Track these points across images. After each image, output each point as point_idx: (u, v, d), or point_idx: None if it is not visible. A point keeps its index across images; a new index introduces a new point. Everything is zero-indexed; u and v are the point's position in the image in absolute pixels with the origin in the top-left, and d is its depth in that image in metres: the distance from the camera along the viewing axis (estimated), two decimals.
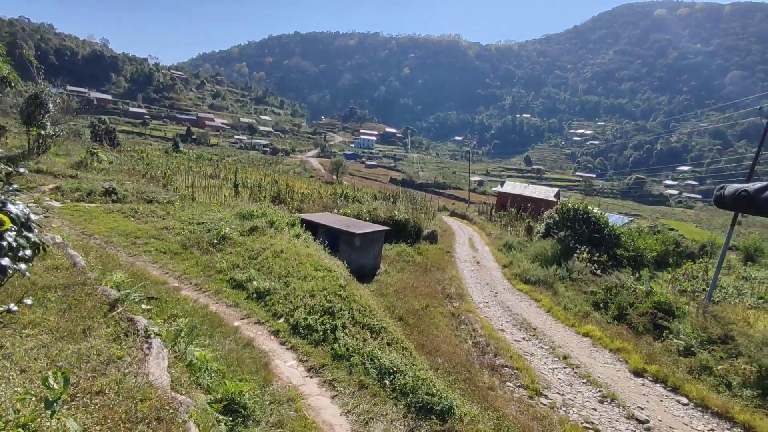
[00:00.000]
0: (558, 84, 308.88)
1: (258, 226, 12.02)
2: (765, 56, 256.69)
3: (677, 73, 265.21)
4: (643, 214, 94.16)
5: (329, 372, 6.11)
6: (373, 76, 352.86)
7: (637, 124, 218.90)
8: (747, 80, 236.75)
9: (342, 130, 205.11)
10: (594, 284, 15.33)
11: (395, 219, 19.23)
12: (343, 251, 12.84)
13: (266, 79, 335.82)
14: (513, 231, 30.36)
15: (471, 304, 12.81)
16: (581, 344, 10.75)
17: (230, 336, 6.52)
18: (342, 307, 7.69)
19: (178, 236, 11.37)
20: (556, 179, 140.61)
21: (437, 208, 42.88)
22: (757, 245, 30.78)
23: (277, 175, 39.81)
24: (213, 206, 15.52)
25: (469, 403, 6.20)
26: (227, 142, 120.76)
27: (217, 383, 4.68)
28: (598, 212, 21.53)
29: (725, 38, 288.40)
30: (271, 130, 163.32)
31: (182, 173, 23.67)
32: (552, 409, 7.55)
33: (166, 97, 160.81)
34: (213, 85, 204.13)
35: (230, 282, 9.02)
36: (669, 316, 11.69)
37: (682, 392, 8.37)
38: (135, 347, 3.73)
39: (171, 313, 6.32)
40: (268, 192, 21.79)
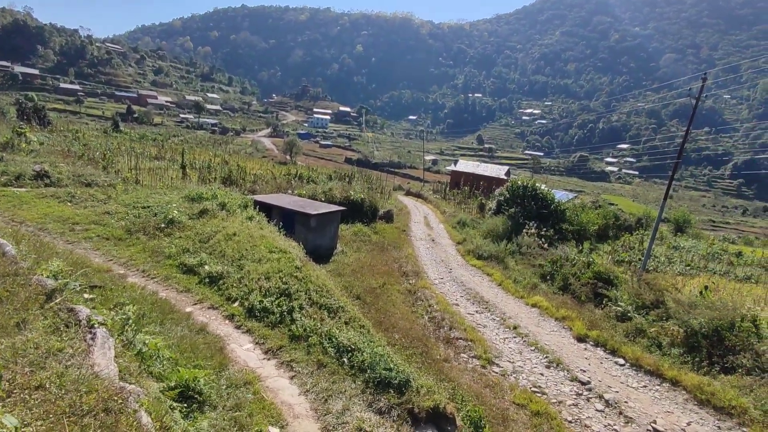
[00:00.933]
0: (508, 64, 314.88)
1: (208, 209, 11.60)
2: (695, 41, 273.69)
3: (618, 55, 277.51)
4: (586, 190, 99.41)
5: (287, 353, 6.09)
6: (326, 53, 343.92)
7: (581, 104, 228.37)
8: (679, 63, 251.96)
9: (294, 108, 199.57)
10: (542, 257, 16.11)
11: (351, 199, 19.16)
12: (298, 232, 12.68)
13: (213, 54, 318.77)
14: (466, 208, 31.13)
15: (427, 281, 13.12)
16: (530, 314, 11.35)
17: (182, 322, 6.33)
18: (298, 289, 7.64)
19: (121, 221, 10.77)
20: (506, 158, 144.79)
21: (393, 187, 43.09)
22: (686, 217, 33.42)
23: (228, 155, 38.32)
24: (159, 189, 14.76)
25: (426, 375, 6.41)
26: (172, 121, 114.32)
27: (170, 371, 4.55)
28: (546, 189, 22.47)
29: (660, 22, 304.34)
30: (219, 108, 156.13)
31: (124, 155, 22.24)
32: (503, 377, 7.98)
33: (102, 72, 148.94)
34: (154, 61, 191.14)
35: (180, 267, 8.70)
36: (608, 285, 12.54)
37: (620, 354, 9.08)
38: (77, 338, 3.53)
39: (117, 302, 6.04)
40: (218, 173, 20.98)
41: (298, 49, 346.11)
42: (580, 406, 7.20)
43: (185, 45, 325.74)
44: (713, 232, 55.13)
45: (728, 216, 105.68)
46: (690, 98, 15.37)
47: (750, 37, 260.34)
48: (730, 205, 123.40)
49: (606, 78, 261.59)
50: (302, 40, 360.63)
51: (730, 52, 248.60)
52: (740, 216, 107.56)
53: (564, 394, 7.52)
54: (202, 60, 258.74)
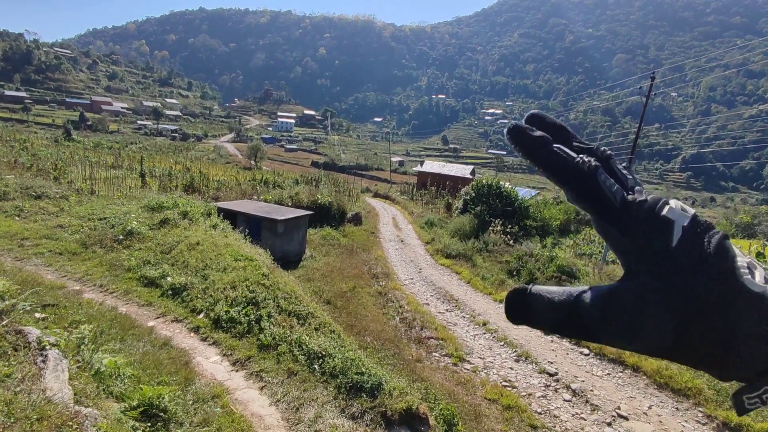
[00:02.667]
0: (470, 65, 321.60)
1: (169, 218, 11.21)
2: (643, 41, 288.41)
3: (573, 56, 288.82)
4: (548, 187, 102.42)
5: (256, 363, 5.96)
6: (288, 56, 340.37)
7: (540, 104, 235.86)
8: (630, 62, 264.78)
9: (258, 113, 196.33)
10: (508, 254, 16.48)
11: (319, 203, 19.00)
12: (265, 239, 12.46)
13: (170, 58, 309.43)
14: (434, 208, 31.48)
15: (397, 282, 13.16)
16: (498, 310, 11.57)
17: (144, 337, 6.08)
18: (266, 297, 7.50)
19: (75, 234, 10.25)
20: (471, 157, 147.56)
21: (360, 189, 43.05)
22: None
23: (190, 162, 37.24)
24: (116, 199, 14.16)
25: (399, 376, 6.42)
26: (130, 128, 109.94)
27: (132, 389, 4.36)
28: (509, 187, 23.02)
29: (611, 24, 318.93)
30: (179, 114, 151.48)
31: (77, 164, 21.19)
32: (474, 373, 8.10)
33: (51, 78, 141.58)
34: (108, 65, 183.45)
35: (141, 280, 8.36)
36: (571, 277, 12.98)
37: (584, 345, 9.39)
38: (27, 362, 3.32)
39: (72, 320, 5.74)
40: (180, 181, 20.33)
41: (259, 53, 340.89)
42: (548, 397, 7.40)
43: (141, 49, 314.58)
44: None
45: None
46: (641, 96, 16.16)
47: (692, 38, 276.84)
48: (681, 196, 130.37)
49: (563, 78, 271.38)
50: (264, 43, 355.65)
51: (675, 52, 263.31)
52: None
53: (533, 387, 7.71)
54: (160, 64, 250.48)
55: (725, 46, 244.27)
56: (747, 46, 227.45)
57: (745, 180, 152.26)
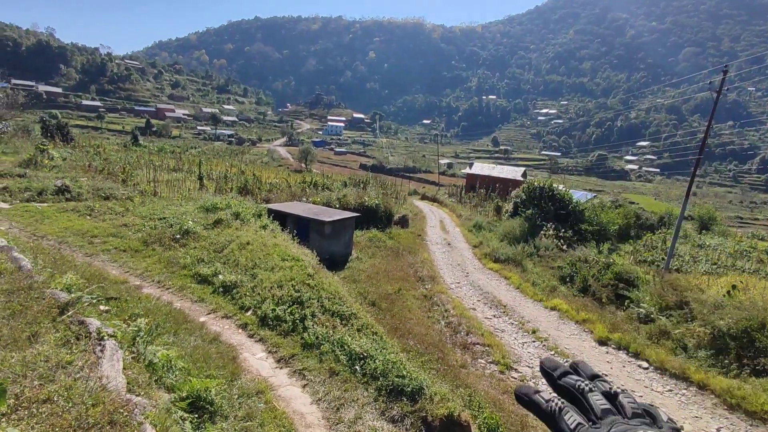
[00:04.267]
0: (522, 65, 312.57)
1: (223, 219, 11.72)
2: (715, 33, 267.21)
3: (634, 51, 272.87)
4: (606, 190, 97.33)
5: (299, 361, 6.06)
6: (338, 61, 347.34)
7: (598, 102, 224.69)
8: (699, 56, 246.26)
9: (309, 117, 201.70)
10: (560, 259, 15.78)
11: (366, 205, 19.15)
12: (313, 240, 12.71)
13: (227, 66, 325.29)
14: (482, 211, 30.80)
15: (443, 286, 12.97)
16: (549, 318, 11.09)
17: (196, 332, 6.36)
18: (311, 296, 7.62)
19: (138, 233, 10.95)
20: (522, 159, 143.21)
21: (408, 192, 43.00)
22: (711, 214, 32.36)
23: (244, 165, 38.86)
24: (176, 200, 15.01)
25: (441, 382, 6.29)
26: (190, 133, 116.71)
27: (182, 381, 4.55)
28: (563, 189, 22.08)
29: (678, 16, 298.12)
30: (235, 119, 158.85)
31: (143, 167, 22.76)
32: (522, 382, 7.78)
33: (122, 88, 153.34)
34: (171, 75, 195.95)
35: (195, 277, 8.78)
36: (630, 286, 12.19)
37: (643, 357, 8.78)
38: (87, 351, 3.56)
39: (132, 313, 6.10)
40: (234, 183, 21.25)
41: (311, 58, 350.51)
42: None
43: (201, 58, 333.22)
44: (741, 228, 53.29)
45: (757, 212, 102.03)
46: (711, 92, 14.92)
47: None
48: (759, 200, 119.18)
49: (623, 75, 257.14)
50: (315, 49, 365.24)
51: (753, 43, 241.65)
52: None
53: None
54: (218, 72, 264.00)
55: None
56: None
57: None
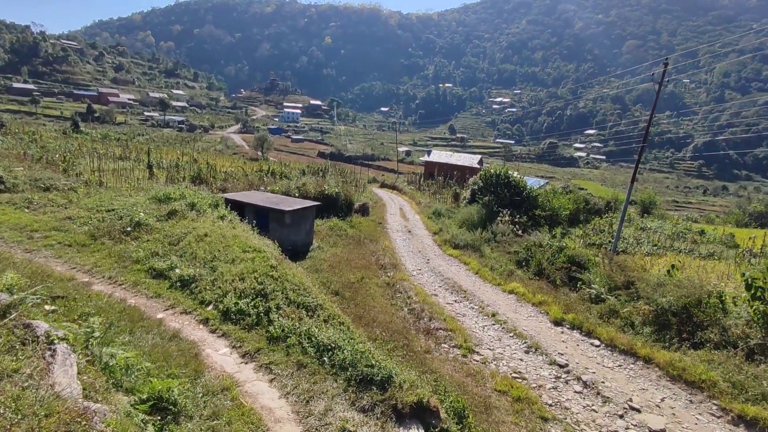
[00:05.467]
0: (477, 53, 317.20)
1: (177, 210, 11.21)
2: (655, 27, 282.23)
3: (582, 43, 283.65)
4: (557, 176, 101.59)
5: (265, 355, 5.94)
6: (294, 46, 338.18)
7: (549, 92, 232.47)
8: (641, 49, 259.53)
9: (264, 103, 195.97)
10: (516, 244, 16.32)
11: (326, 193, 18.93)
12: (273, 230, 12.43)
13: (176, 49, 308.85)
14: (441, 198, 31.30)
15: (405, 273, 13.10)
16: (507, 301, 11.49)
17: (153, 330, 6.08)
18: (275, 288, 7.46)
19: (84, 226, 10.28)
20: (478, 146, 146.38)
21: (367, 180, 42.91)
22: (652, 198, 34.55)
23: (197, 153, 37.28)
24: (124, 191, 14.20)
25: (408, 368, 6.37)
26: (136, 119, 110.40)
27: (142, 383, 4.34)
28: (518, 176, 22.75)
29: (622, 9, 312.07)
30: (186, 105, 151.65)
31: (86, 156, 21.30)
32: (484, 364, 8.04)
33: (59, 70, 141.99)
34: (114, 57, 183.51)
35: (150, 272, 8.37)
36: (581, 268, 12.81)
37: (595, 335, 9.29)
38: (35, 357, 3.30)
39: (82, 312, 5.74)
40: (187, 172, 20.36)
41: (265, 43, 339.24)
42: (559, 389, 7.33)
43: (146, 40, 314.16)
44: (677, 212, 57.34)
45: (690, 196, 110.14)
46: (653, 83, 15.76)
47: (706, 22, 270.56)
48: (692, 185, 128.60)
49: (572, 65, 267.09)
50: (269, 33, 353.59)
51: (688, 37, 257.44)
52: (701, 195, 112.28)
53: (543, 378, 7.64)
54: (165, 55, 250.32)
55: (741, 31, 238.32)
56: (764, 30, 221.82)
57: (759, 168, 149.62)
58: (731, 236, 23.40)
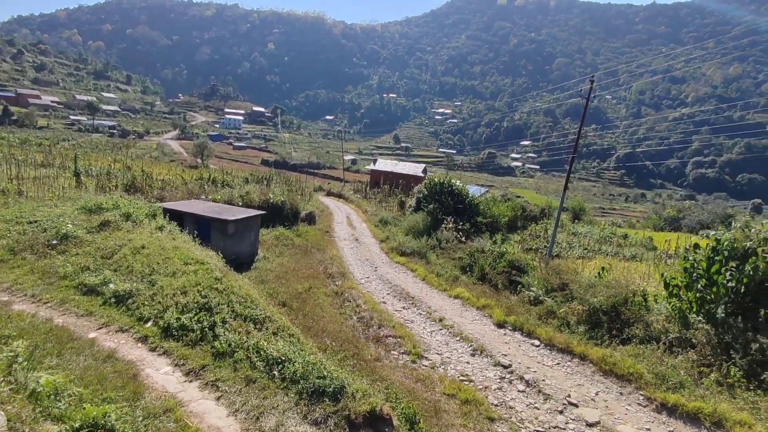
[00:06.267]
0: (419, 65, 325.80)
1: (110, 221, 10.50)
2: (581, 46, 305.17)
3: (517, 58, 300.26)
4: (496, 185, 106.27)
5: (211, 372, 5.70)
6: (236, 51, 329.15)
7: (487, 104, 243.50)
8: (569, 66, 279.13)
9: (204, 109, 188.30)
10: (460, 250, 16.85)
11: (271, 202, 18.54)
12: (215, 240, 11.97)
13: (107, 50, 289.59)
14: (387, 207, 31.65)
15: (353, 281, 13.10)
16: (453, 306, 11.82)
17: (85, 351, 5.65)
18: (220, 302, 7.19)
19: (2, 240, 9.35)
20: (422, 156, 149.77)
21: (313, 188, 42.47)
22: (581, 205, 37.08)
23: (130, 160, 35.07)
24: (48, 200, 13.07)
25: (360, 377, 6.38)
26: (61, 123, 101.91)
27: (74, 409, 4.02)
28: (460, 185, 23.55)
29: (552, 29, 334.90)
30: (117, 109, 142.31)
31: (2, 163, 19.35)
32: (432, 369, 8.22)
33: None
34: (36, 56, 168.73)
35: (79, 288, 7.76)
36: (521, 272, 13.47)
37: (535, 336, 9.80)
38: None
39: (1, 335, 5.22)
40: (120, 180, 19.11)
41: (205, 47, 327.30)
42: (504, 389, 7.65)
43: (73, 39, 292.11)
44: (603, 217, 61.83)
45: (614, 203, 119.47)
46: (581, 98, 17.04)
47: (624, 45, 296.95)
48: (616, 193, 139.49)
49: (508, 80, 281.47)
50: (209, 37, 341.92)
51: (609, 57, 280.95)
52: (624, 202, 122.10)
53: (489, 380, 7.94)
54: (94, 56, 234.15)
55: (653, 53, 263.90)
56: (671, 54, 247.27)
57: (671, 177, 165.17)
58: (650, 239, 25.65)
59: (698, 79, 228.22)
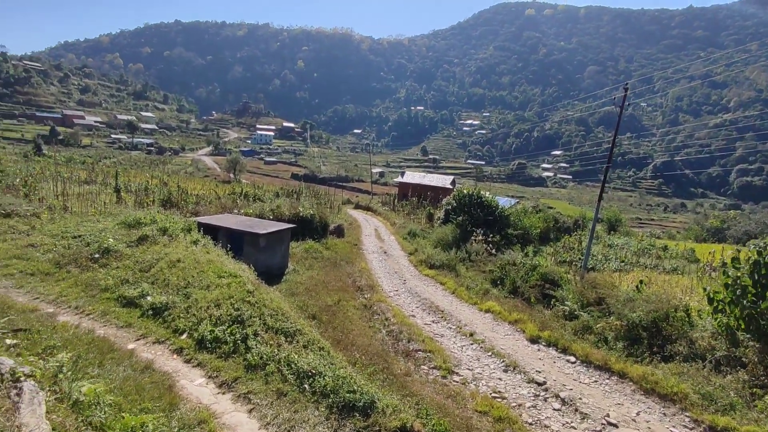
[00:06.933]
0: (447, 77, 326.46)
1: (148, 235, 10.89)
2: (613, 53, 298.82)
3: (547, 68, 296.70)
4: (527, 196, 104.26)
5: (243, 385, 5.77)
6: (267, 68, 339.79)
7: (516, 114, 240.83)
8: (601, 74, 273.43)
9: (236, 125, 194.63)
10: (491, 263, 16.56)
11: (300, 215, 18.81)
12: (247, 253, 12.22)
13: (145, 71, 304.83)
14: (416, 219, 31.55)
15: (382, 294, 13.05)
16: (484, 320, 11.59)
17: (124, 361, 5.83)
18: (252, 314, 7.31)
19: (48, 254, 9.84)
20: (450, 167, 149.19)
21: (342, 201, 42.90)
22: (617, 216, 35.90)
23: (167, 176, 36.44)
24: (91, 216, 13.71)
25: (390, 392, 6.31)
26: (103, 142, 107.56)
27: (113, 419, 4.14)
28: (490, 196, 23.26)
29: (582, 37, 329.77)
30: (155, 127, 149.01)
31: (49, 180, 20.49)
32: (464, 385, 8.04)
33: (21, 92, 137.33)
34: (80, 78, 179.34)
35: (119, 300, 8.06)
36: (554, 285, 13.10)
37: (570, 352, 9.45)
38: (1, 396, 3.12)
39: (46, 345, 5.46)
40: (157, 196, 19.85)
41: (237, 65, 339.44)
42: (538, 407, 7.39)
43: (114, 62, 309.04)
44: (641, 228, 59.61)
45: (652, 213, 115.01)
46: (615, 107, 16.60)
47: (658, 50, 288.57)
48: (653, 203, 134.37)
49: (537, 89, 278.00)
50: (241, 56, 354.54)
51: (643, 64, 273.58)
52: (662, 213, 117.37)
53: (523, 397, 7.69)
54: (134, 77, 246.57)
55: (689, 58, 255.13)
56: (710, 58, 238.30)
57: (713, 186, 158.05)
58: (692, 251, 24.48)
59: (741, 83, 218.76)
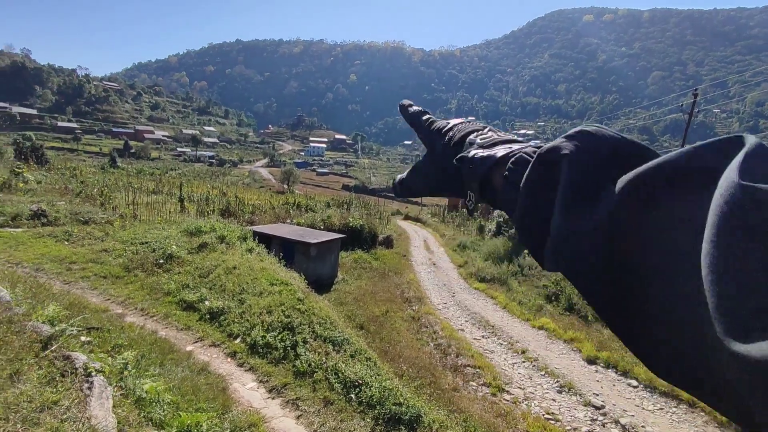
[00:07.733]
0: (499, 87, 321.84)
1: (207, 242, 11.48)
2: (681, 58, 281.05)
3: (606, 75, 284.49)
4: None
5: (292, 391, 5.88)
6: (320, 83, 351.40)
7: (573, 123, 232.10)
8: (667, 80, 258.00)
9: (291, 138, 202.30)
10: (545, 278, 15.91)
11: (350, 226, 19.08)
12: (299, 262, 12.54)
13: (208, 88, 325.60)
14: (466, 231, 31.04)
15: (430, 307, 12.90)
16: (537, 337, 11.11)
17: (183, 362, 6.13)
18: (302, 322, 7.47)
19: (119, 258, 10.63)
20: None
21: (391, 212, 43.08)
22: None
23: (226, 187, 38.44)
24: (157, 223, 14.68)
25: (437, 407, 6.19)
26: (169, 155, 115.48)
27: (171, 416, 4.36)
28: None
29: (646, 42, 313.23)
30: (216, 141, 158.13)
31: (121, 190, 22.25)
32: (515, 404, 7.72)
33: (99, 110, 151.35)
34: (151, 96, 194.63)
35: (180, 304, 8.52)
36: None
37: (632, 375, 8.83)
38: (74, 388, 3.38)
39: (115, 344, 5.86)
40: (216, 205, 20.94)
41: (292, 81, 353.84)
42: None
43: (181, 80, 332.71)
44: None
45: None
46: (682, 114, 15.56)
47: (734, 52, 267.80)
48: None
49: (596, 97, 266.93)
50: (296, 71, 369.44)
51: (716, 67, 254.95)
52: None
53: (578, 420, 7.27)
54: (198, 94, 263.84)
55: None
56: None
57: None
58: None
59: None
